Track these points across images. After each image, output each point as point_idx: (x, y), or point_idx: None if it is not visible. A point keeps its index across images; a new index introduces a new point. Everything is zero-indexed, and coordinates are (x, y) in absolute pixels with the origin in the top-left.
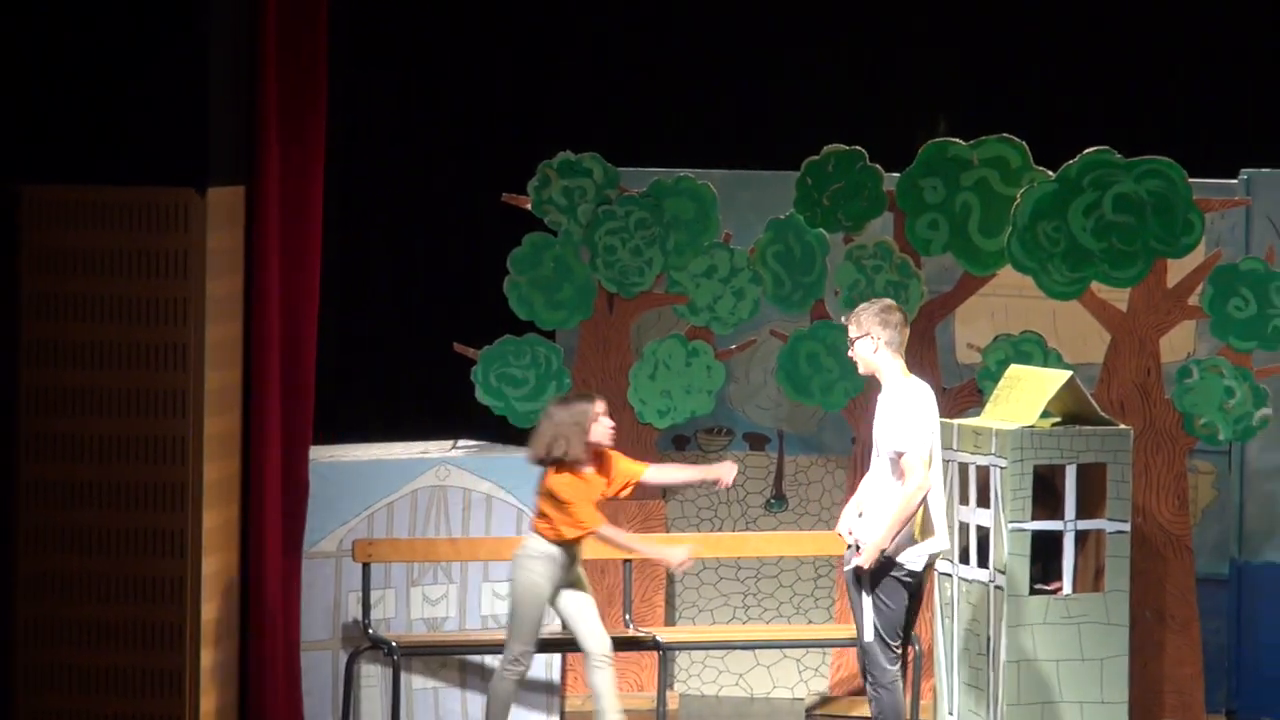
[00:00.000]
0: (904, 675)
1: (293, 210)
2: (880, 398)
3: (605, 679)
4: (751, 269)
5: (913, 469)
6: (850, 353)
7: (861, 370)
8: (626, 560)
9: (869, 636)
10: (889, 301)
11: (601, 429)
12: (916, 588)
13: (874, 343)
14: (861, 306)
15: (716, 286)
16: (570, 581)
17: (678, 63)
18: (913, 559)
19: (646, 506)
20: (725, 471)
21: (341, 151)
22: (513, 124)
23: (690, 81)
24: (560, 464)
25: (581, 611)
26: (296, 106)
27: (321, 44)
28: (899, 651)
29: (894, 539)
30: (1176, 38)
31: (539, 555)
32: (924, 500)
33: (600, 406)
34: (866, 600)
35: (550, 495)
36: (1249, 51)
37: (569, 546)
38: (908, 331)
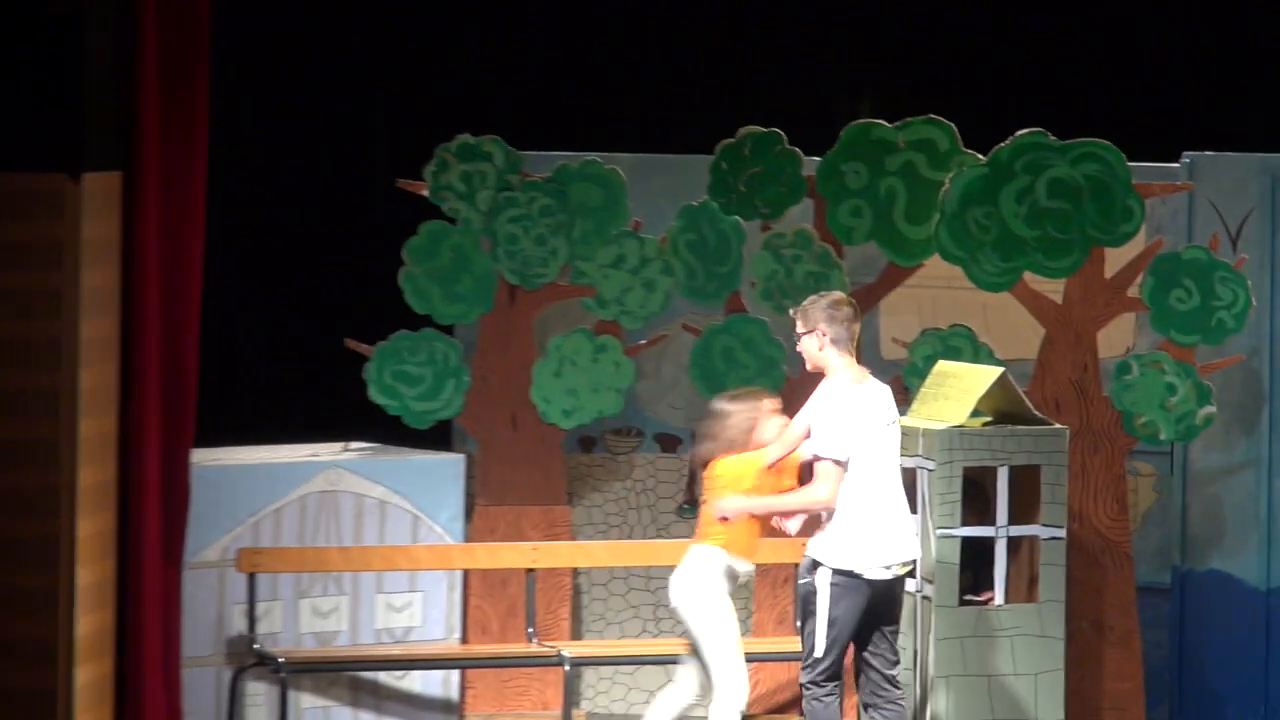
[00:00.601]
0: (841, 694)
1: (174, 198)
2: (815, 396)
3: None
4: (663, 259)
5: (826, 479)
6: (798, 348)
7: (809, 367)
8: (529, 570)
9: (820, 651)
10: (839, 295)
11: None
12: (873, 596)
13: (820, 339)
14: (810, 300)
15: (625, 278)
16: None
17: (585, 39)
18: (863, 565)
19: (551, 512)
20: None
21: (227, 136)
22: (408, 105)
23: (598, 59)
24: None
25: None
26: (179, 88)
27: (205, 23)
28: (838, 666)
29: (769, 515)
30: (1114, 12)
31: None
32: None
33: (769, 404)
34: (821, 610)
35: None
36: (1190, 26)
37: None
38: (858, 327)
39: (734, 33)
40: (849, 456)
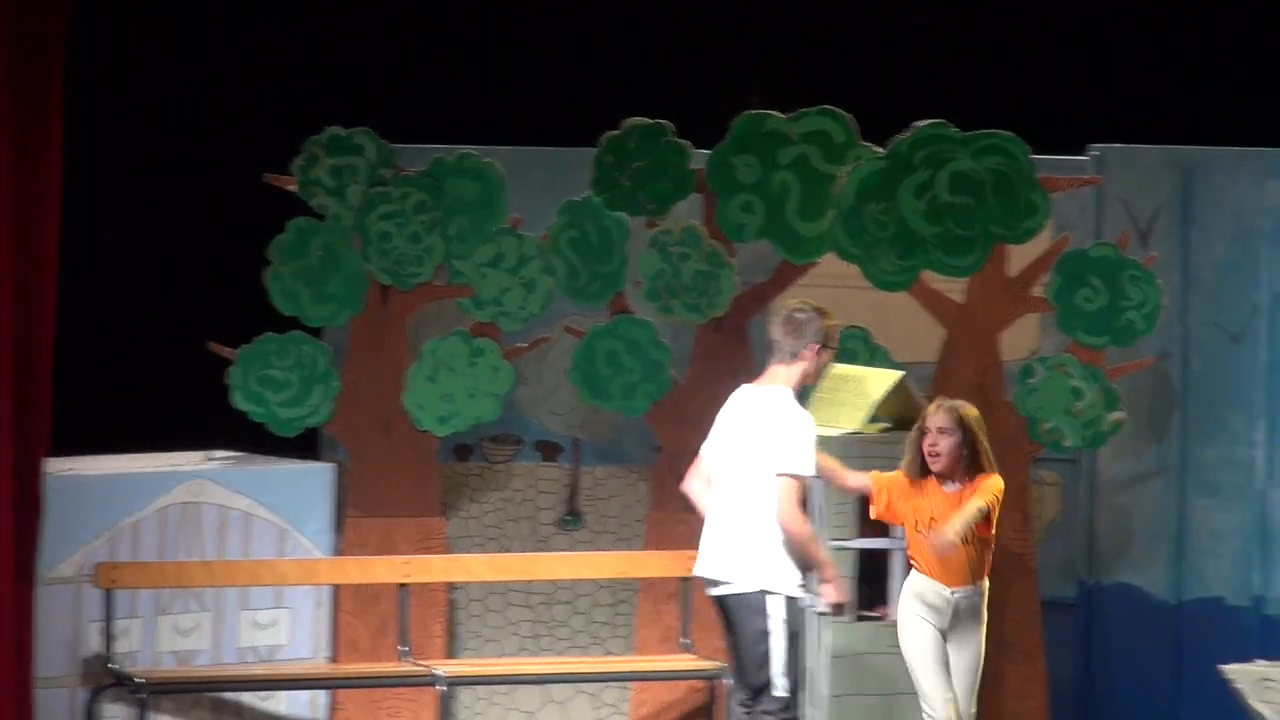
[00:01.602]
0: None
1: (25, 194)
2: (766, 406)
3: None
4: (543, 258)
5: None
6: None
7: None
8: (402, 585)
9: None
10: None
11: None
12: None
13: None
14: (807, 313)
15: (504, 277)
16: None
17: (462, 27)
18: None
19: (425, 524)
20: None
21: (83, 128)
22: (275, 95)
23: (475, 47)
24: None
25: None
26: (30, 81)
27: (60, 12)
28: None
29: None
30: None
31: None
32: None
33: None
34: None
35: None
36: (1098, 12)
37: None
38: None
39: (619, 18)
40: None
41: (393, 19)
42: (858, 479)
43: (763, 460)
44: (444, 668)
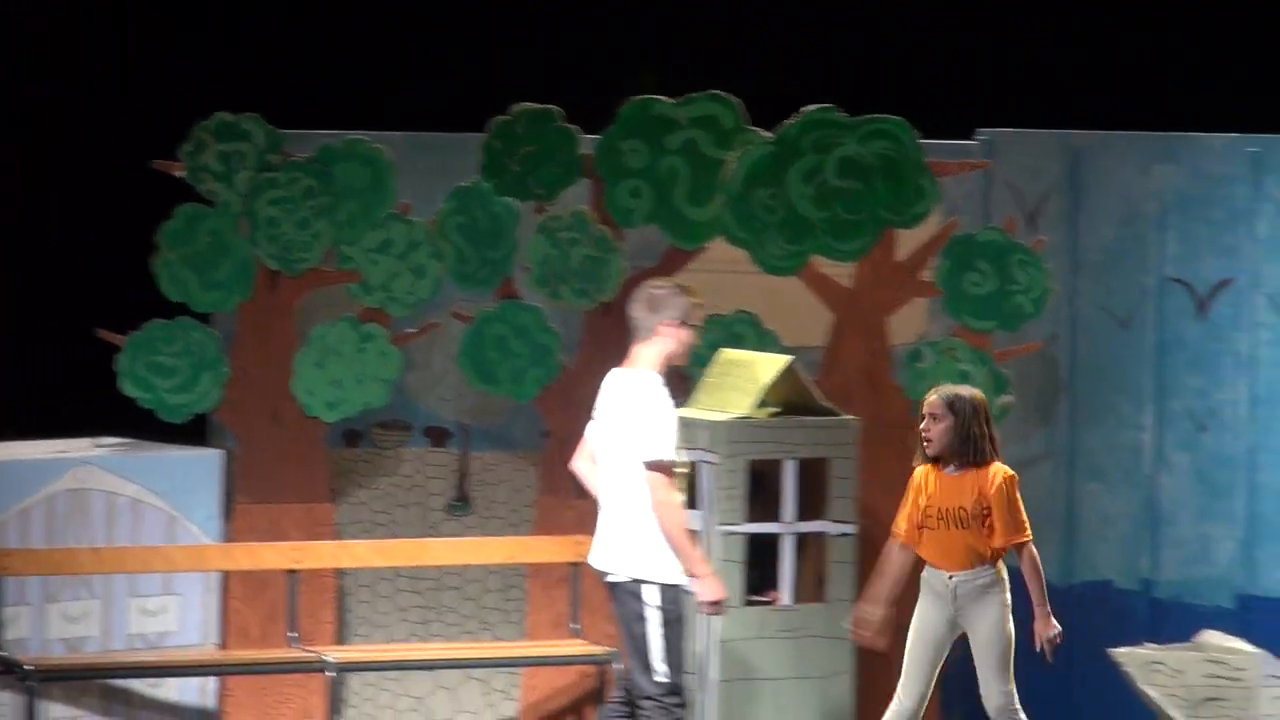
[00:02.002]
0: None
1: None
2: (629, 391)
3: None
4: (432, 243)
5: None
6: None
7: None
8: (291, 571)
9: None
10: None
11: None
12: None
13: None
14: (666, 289)
15: (392, 263)
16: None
17: (350, 10)
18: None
19: (314, 510)
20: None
21: None
22: (163, 81)
23: (362, 33)
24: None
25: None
26: None
27: None
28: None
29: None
30: None
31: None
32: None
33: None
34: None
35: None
36: None
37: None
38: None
39: (508, 3)
40: None
41: (282, 4)
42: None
43: (628, 448)
44: (333, 654)
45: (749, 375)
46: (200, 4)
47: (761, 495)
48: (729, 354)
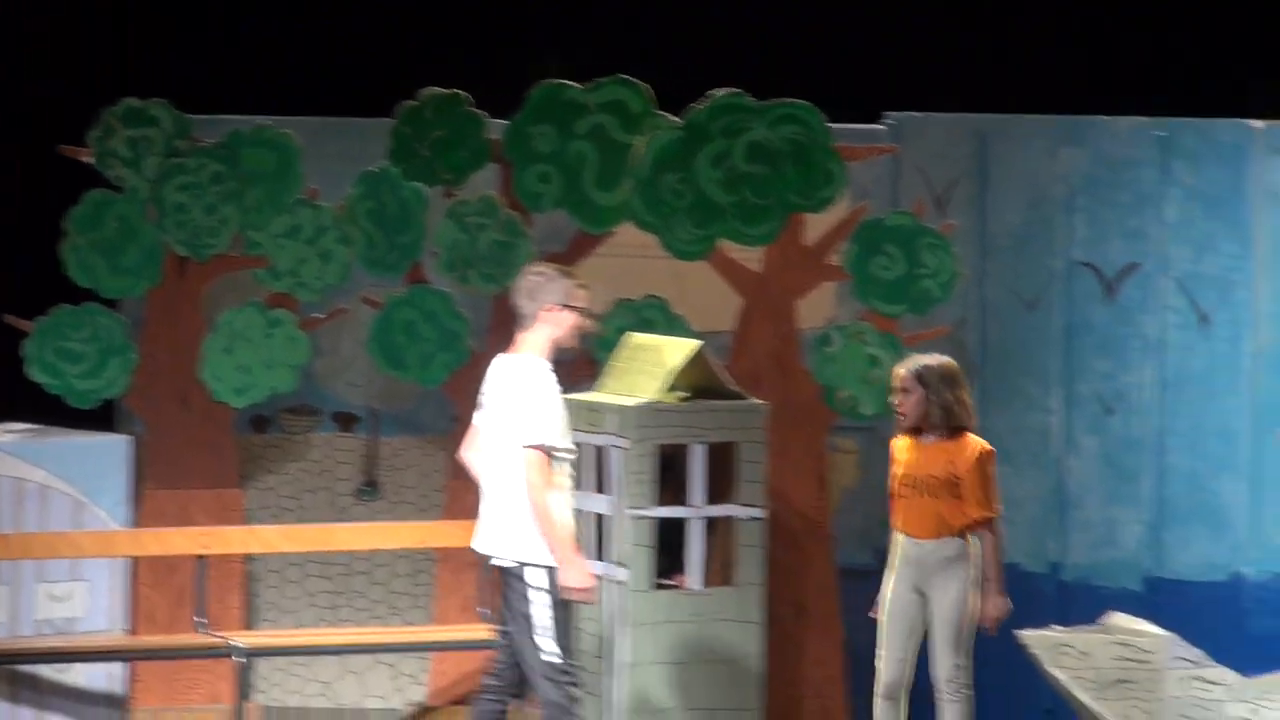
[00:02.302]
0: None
1: None
2: (513, 376)
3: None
4: (340, 228)
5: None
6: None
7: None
8: (199, 557)
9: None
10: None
11: None
12: None
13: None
14: (545, 274)
15: (301, 248)
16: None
17: None
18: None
19: (222, 496)
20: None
21: None
22: (71, 66)
23: (270, 17)
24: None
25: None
26: None
27: None
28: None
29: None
30: None
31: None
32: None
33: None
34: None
35: None
36: None
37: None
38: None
39: None
40: None
41: None
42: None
43: (511, 432)
44: (242, 639)
45: (657, 360)
46: None
47: (670, 479)
48: (637, 338)
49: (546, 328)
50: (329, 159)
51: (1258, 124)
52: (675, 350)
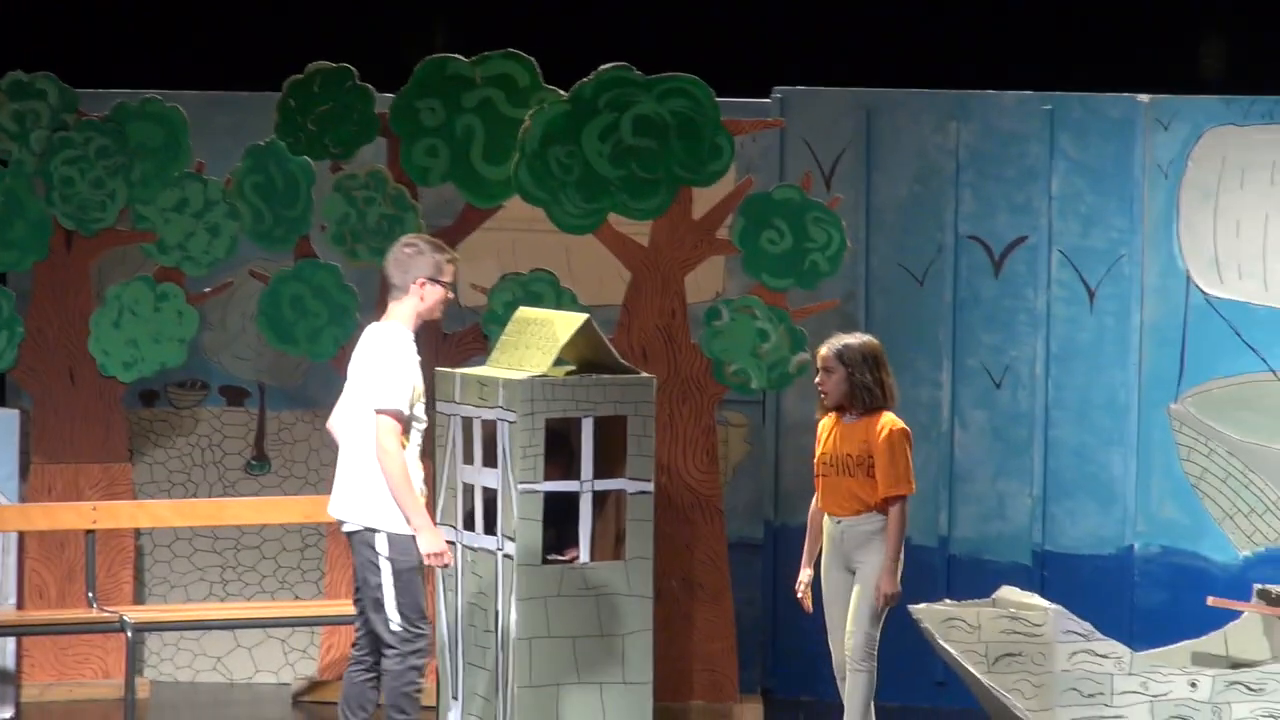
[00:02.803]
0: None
1: None
2: (373, 342)
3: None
4: (228, 202)
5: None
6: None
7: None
8: (89, 531)
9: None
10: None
11: None
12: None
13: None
14: (415, 246)
15: (188, 222)
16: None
17: None
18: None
19: (111, 470)
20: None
21: None
22: None
23: None
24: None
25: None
26: None
27: None
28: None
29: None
30: None
31: None
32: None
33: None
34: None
35: None
36: None
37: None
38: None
39: None
40: None
41: None
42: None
43: (364, 396)
44: (132, 614)
45: (546, 334)
46: None
47: (560, 454)
48: (526, 312)
49: (413, 300)
50: (216, 133)
51: (1143, 98)
52: (564, 324)
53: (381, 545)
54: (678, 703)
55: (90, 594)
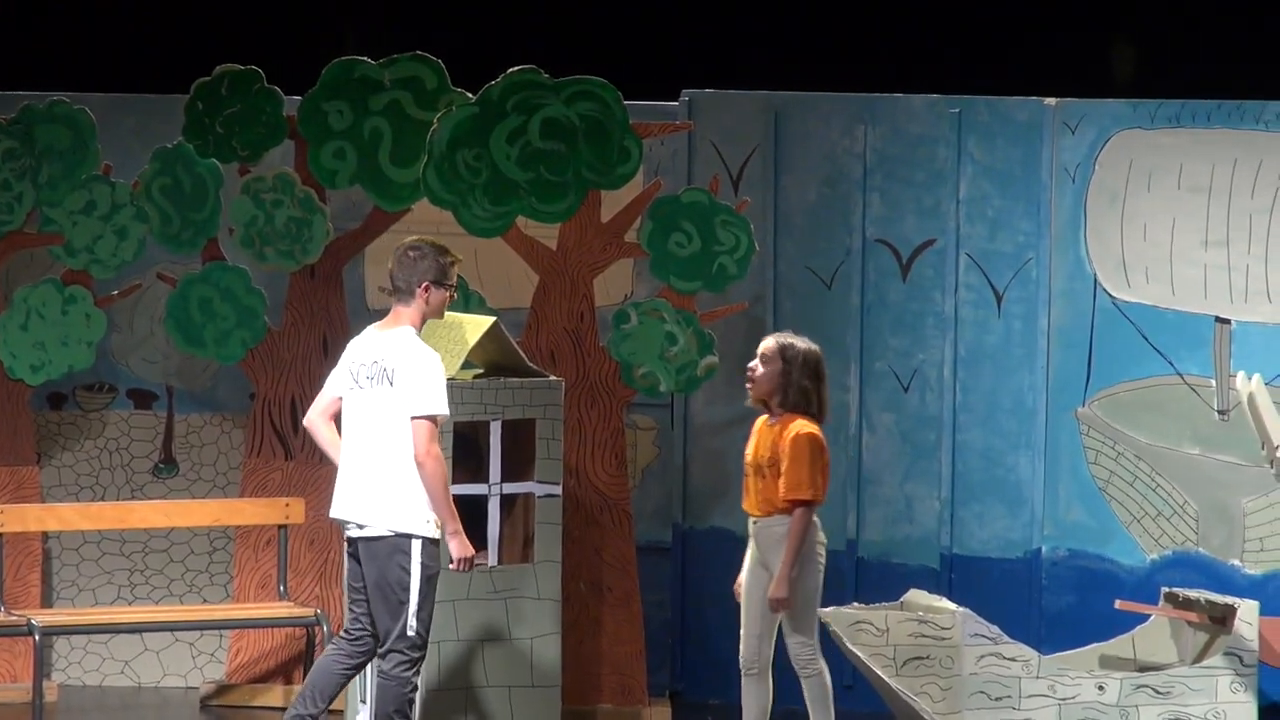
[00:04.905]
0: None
1: None
2: (393, 348)
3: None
4: (136, 205)
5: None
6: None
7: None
8: None
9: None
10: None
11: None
12: None
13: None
14: (420, 250)
15: (96, 225)
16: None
17: None
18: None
19: (19, 473)
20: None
21: None
22: None
23: None
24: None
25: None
26: None
27: None
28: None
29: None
30: None
31: None
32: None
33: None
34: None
35: None
36: None
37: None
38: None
39: None
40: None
41: None
42: None
43: (395, 403)
44: (39, 617)
45: (455, 337)
46: None
47: (468, 457)
48: None
49: (419, 303)
50: (124, 135)
51: (1051, 101)
52: (472, 327)
53: (416, 551)
54: (586, 706)
55: None
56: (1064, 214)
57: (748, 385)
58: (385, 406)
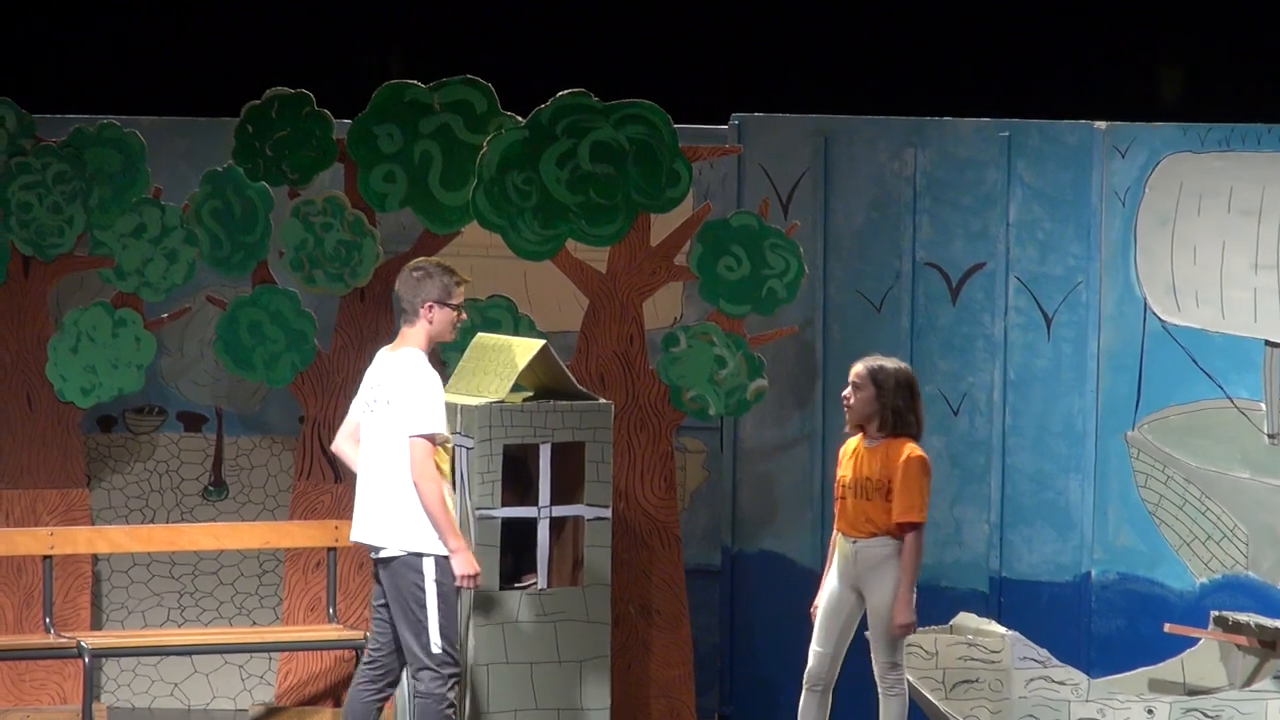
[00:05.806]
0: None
1: None
2: (396, 369)
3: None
4: (186, 228)
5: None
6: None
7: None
8: (46, 557)
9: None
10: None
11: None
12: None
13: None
14: (425, 269)
15: (146, 248)
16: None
17: None
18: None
19: (69, 495)
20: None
21: None
22: None
23: (116, 16)
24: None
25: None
26: None
27: None
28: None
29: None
30: None
31: None
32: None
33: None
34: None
35: None
36: None
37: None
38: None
39: None
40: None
41: None
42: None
43: (396, 423)
44: (89, 640)
45: (504, 360)
46: None
47: (518, 480)
48: (484, 338)
49: (425, 323)
50: (174, 158)
51: (1101, 125)
52: (521, 350)
53: (429, 569)
54: None
55: (48, 620)
56: (1114, 237)
57: (846, 412)
58: (389, 428)
